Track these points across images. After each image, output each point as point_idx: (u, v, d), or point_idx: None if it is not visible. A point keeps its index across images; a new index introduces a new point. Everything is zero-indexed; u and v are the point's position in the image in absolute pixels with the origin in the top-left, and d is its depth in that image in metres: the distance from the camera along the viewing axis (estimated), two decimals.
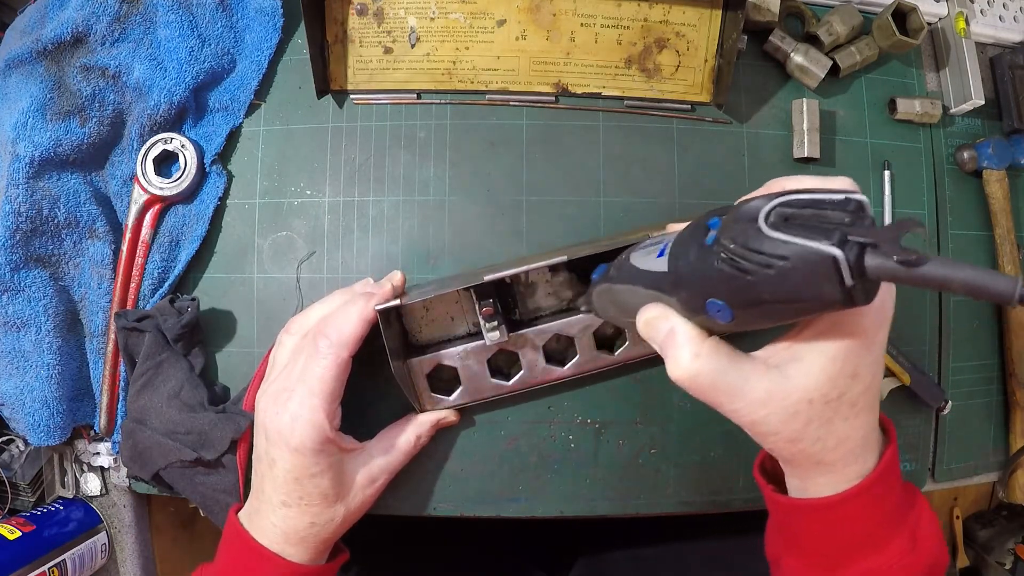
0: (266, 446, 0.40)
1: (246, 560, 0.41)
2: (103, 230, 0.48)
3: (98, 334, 0.49)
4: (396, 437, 0.45)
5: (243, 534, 0.41)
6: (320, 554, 0.42)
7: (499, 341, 0.45)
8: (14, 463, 0.51)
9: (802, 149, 0.51)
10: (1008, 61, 0.56)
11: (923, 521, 0.34)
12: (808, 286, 0.23)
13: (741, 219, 0.25)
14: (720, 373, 0.29)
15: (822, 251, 0.22)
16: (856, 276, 0.22)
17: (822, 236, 0.23)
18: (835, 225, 0.23)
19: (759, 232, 0.24)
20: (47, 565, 0.47)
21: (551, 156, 0.51)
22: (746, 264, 0.24)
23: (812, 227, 0.23)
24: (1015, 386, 0.55)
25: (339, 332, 0.40)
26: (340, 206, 0.50)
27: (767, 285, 0.24)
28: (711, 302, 0.27)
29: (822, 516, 0.33)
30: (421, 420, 0.46)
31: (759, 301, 0.25)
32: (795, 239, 0.23)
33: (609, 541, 0.64)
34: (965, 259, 0.55)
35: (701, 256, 0.27)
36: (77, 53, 0.48)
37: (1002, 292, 0.20)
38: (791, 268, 0.23)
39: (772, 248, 0.23)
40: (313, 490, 0.40)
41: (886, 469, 0.32)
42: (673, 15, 0.49)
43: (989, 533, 1.04)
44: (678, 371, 0.30)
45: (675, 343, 0.30)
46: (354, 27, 0.50)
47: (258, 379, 0.47)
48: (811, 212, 0.24)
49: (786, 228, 0.23)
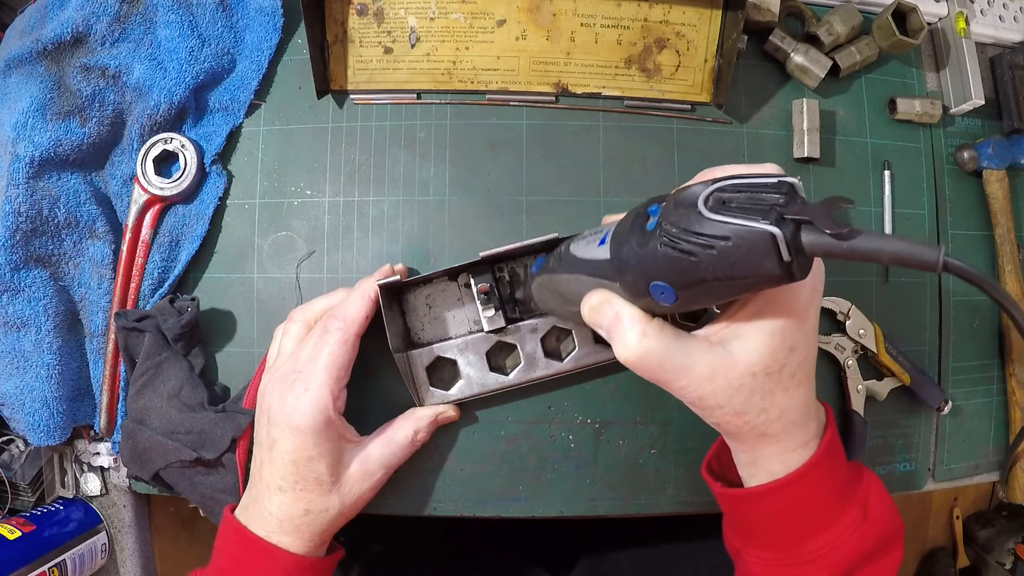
0: (268, 428, 0.41)
1: (242, 553, 0.41)
2: (103, 230, 0.48)
3: (98, 334, 0.49)
4: (393, 431, 0.45)
5: (239, 527, 0.41)
6: (316, 546, 0.42)
7: (497, 326, 0.45)
8: (14, 463, 0.51)
9: (802, 149, 0.51)
10: (1008, 61, 0.56)
11: (872, 493, 0.36)
12: (749, 264, 0.25)
13: (681, 204, 0.26)
14: (667, 352, 0.31)
15: (761, 229, 0.24)
16: (793, 252, 0.24)
17: (760, 216, 0.24)
18: (771, 206, 0.24)
19: (700, 215, 0.25)
20: (47, 565, 0.47)
21: (551, 156, 0.51)
22: (688, 246, 0.25)
23: (749, 209, 0.25)
24: (1015, 386, 0.55)
25: (346, 312, 0.42)
26: (340, 206, 0.50)
27: (710, 265, 0.25)
28: (655, 285, 0.28)
29: (772, 500, 0.35)
30: (419, 415, 0.46)
31: (702, 280, 0.26)
32: (735, 220, 0.24)
33: (610, 541, 0.64)
34: (965, 259, 0.55)
35: (643, 241, 0.28)
36: (77, 53, 0.48)
37: (927, 260, 0.22)
38: (732, 247, 0.24)
39: (713, 230, 0.25)
40: (308, 474, 0.40)
41: (828, 447, 0.34)
42: (673, 15, 0.49)
43: (989, 533, 1.04)
44: (626, 352, 0.31)
45: (621, 326, 0.31)
46: (354, 27, 0.50)
47: (258, 378, 0.47)
48: (747, 195, 0.25)
49: (725, 211, 0.25)
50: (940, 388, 0.53)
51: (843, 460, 0.37)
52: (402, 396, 0.46)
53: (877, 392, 0.51)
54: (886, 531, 0.36)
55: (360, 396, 0.47)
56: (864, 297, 0.52)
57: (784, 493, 0.34)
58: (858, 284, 0.52)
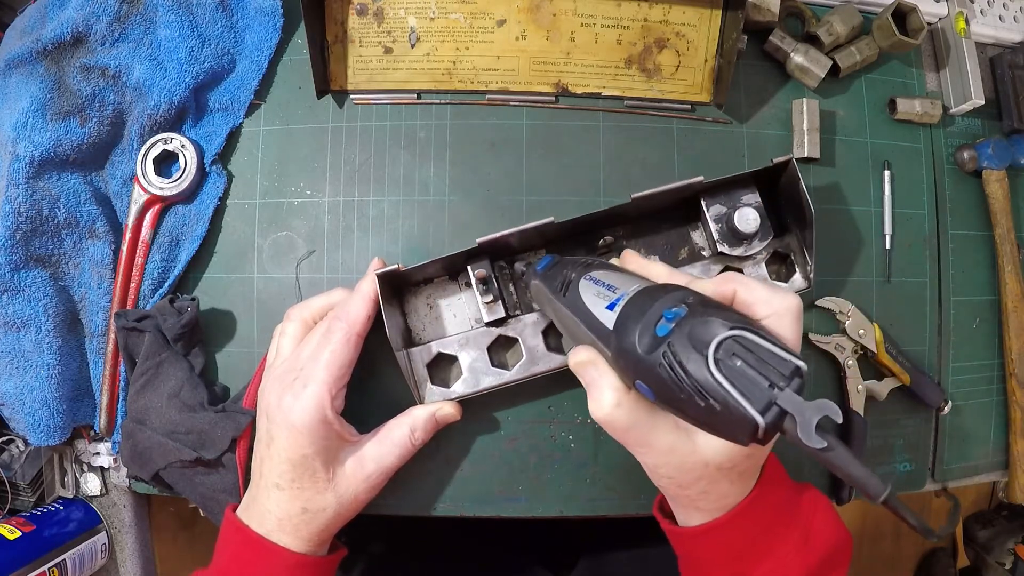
0: (267, 425, 0.41)
1: (244, 553, 0.41)
2: (103, 230, 0.48)
3: (98, 334, 0.49)
4: (390, 430, 0.44)
5: (240, 526, 0.41)
6: (316, 546, 0.42)
7: (496, 316, 0.45)
8: (14, 463, 0.51)
9: (802, 149, 0.51)
10: (1008, 61, 0.56)
11: (817, 514, 0.38)
12: (726, 426, 0.26)
13: (694, 341, 0.27)
14: (634, 423, 0.33)
15: (749, 415, 0.25)
16: (768, 433, 0.25)
17: (754, 396, 0.25)
18: (769, 384, 0.25)
19: (705, 367, 0.26)
20: (47, 565, 0.47)
21: (551, 156, 0.51)
22: (683, 384, 0.27)
23: (749, 380, 0.26)
24: (1015, 386, 0.55)
25: (349, 312, 0.42)
26: (340, 206, 0.50)
27: (692, 407, 0.27)
28: (640, 384, 0.30)
29: (708, 539, 0.37)
30: (416, 413, 0.44)
31: (680, 410, 0.28)
32: (731, 391, 0.25)
33: (611, 540, 0.64)
34: (965, 259, 0.55)
35: (648, 344, 0.29)
36: (77, 53, 0.48)
37: (872, 492, 0.24)
38: (719, 410, 0.26)
39: (709, 386, 0.26)
40: (304, 472, 0.40)
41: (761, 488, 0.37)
42: (673, 15, 0.49)
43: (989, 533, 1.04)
44: (599, 413, 0.34)
45: (599, 388, 0.34)
46: (354, 27, 0.50)
47: (258, 378, 0.47)
48: (755, 360, 0.26)
49: (728, 371, 0.26)
50: (940, 388, 0.53)
51: (785, 486, 0.39)
52: (404, 396, 0.46)
53: (877, 392, 0.51)
54: (830, 552, 0.37)
55: (362, 396, 0.47)
56: (864, 297, 0.52)
57: (718, 532, 0.36)
58: (858, 284, 0.52)
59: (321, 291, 0.49)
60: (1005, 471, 0.56)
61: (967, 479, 0.56)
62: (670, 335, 0.28)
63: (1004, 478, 0.57)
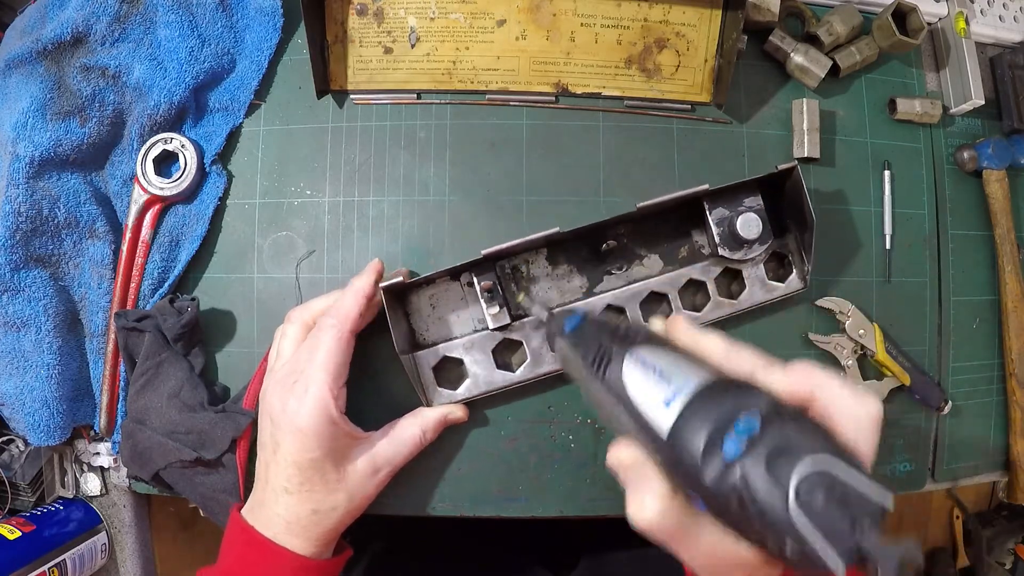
0: (271, 430, 0.41)
1: (250, 554, 0.41)
2: (103, 230, 0.48)
3: (98, 334, 0.49)
4: (402, 430, 0.44)
5: (246, 528, 0.41)
6: (324, 547, 0.42)
7: (501, 323, 0.45)
8: (14, 463, 0.51)
9: (802, 149, 0.51)
10: (1008, 61, 0.56)
11: None
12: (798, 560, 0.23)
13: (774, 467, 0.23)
14: (677, 527, 0.30)
15: (828, 559, 0.22)
16: None
17: (836, 537, 0.22)
18: (852, 523, 0.22)
19: (783, 502, 0.23)
20: (47, 565, 0.47)
21: (551, 156, 0.51)
22: (753, 518, 0.23)
23: (832, 518, 0.22)
24: (1015, 386, 0.55)
25: (339, 310, 0.42)
26: (340, 206, 0.50)
27: (757, 535, 0.24)
28: (696, 499, 0.26)
29: None
30: (426, 415, 0.45)
31: (743, 534, 0.25)
32: (813, 532, 0.22)
33: (611, 540, 0.64)
34: (965, 259, 0.55)
35: (716, 468, 0.25)
36: (77, 53, 0.48)
37: None
38: (791, 546, 0.23)
39: (785, 524, 0.23)
40: (314, 474, 0.40)
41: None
42: (673, 15, 0.49)
43: (989, 533, 1.04)
44: (641, 521, 0.30)
45: (643, 491, 0.30)
46: (354, 27, 0.50)
47: (258, 378, 0.47)
48: (841, 495, 0.23)
49: (809, 509, 0.22)
50: (940, 388, 0.53)
51: None
52: (405, 396, 0.46)
53: (877, 392, 0.51)
54: None
55: (361, 396, 0.47)
56: (864, 297, 0.52)
57: None
58: (858, 284, 0.52)
59: (321, 291, 0.49)
60: (1005, 471, 0.56)
61: (967, 479, 0.56)
62: (742, 457, 0.24)
63: (1004, 478, 0.57)
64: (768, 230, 0.47)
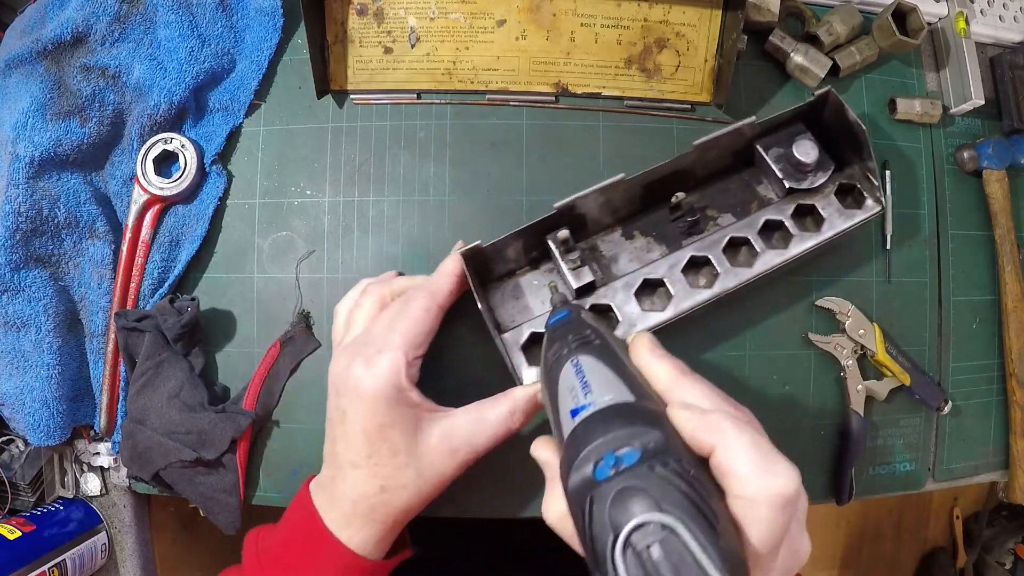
0: (336, 401, 0.38)
1: (303, 534, 0.39)
2: (103, 230, 0.48)
3: (98, 334, 0.49)
4: (487, 408, 0.40)
5: (309, 508, 0.39)
6: (385, 534, 0.39)
7: (585, 281, 0.44)
8: (14, 463, 0.51)
9: None
10: (1008, 61, 0.56)
11: None
12: None
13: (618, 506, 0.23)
14: None
15: None
16: None
17: None
18: None
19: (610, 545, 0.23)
20: (47, 565, 0.47)
21: (551, 156, 0.51)
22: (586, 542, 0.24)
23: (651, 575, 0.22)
24: (1015, 386, 0.55)
25: (431, 284, 0.41)
26: (340, 206, 0.50)
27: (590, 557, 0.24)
28: None
29: None
30: (517, 395, 0.40)
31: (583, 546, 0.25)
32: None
33: None
34: (965, 259, 0.55)
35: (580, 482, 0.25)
36: (77, 53, 0.48)
37: None
38: None
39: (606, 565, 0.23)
40: (383, 445, 0.37)
41: None
42: (673, 15, 0.49)
43: (989, 533, 1.04)
44: (548, 516, 0.31)
45: (552, 493, 0.31)
46: (354, 27, 0.50)
47: (258, 378, 0.47)
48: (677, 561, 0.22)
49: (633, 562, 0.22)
50: (940, 388, 0.53)
51: None
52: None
53: (877, 392, 0.51)
54: None
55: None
56: (864, 297, 0.52)
57: None
58: (858, 284, 0.52)
59: (321, 291, 0.49)
60: (1005, 471, 0.56)
61: (967, 479, 0.56)
62: (601, 484, 0.24)
63: (1004, 478, 0.57)
64: (826, 157, 0.47)
